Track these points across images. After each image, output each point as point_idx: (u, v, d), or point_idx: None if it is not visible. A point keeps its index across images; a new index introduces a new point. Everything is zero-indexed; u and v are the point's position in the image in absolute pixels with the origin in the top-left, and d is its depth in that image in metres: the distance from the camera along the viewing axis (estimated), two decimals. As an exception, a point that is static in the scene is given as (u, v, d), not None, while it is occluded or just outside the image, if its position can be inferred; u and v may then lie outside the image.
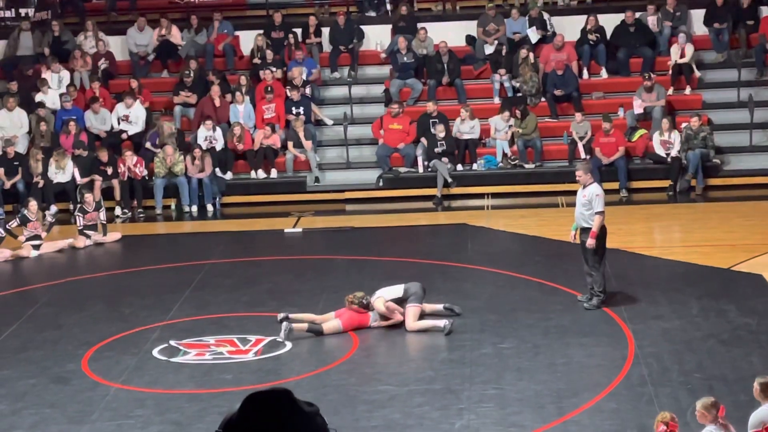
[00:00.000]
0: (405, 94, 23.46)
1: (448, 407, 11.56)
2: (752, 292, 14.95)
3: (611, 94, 23.33)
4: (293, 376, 12.59)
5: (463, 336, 13.62)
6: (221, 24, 24.75)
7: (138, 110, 22.73)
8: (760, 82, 23.17)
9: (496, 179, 21.79)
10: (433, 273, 16.27)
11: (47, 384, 12.66)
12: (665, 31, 23.79)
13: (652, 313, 14.18)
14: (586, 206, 14.14)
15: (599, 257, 14.19)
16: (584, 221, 14.18)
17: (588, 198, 14.13)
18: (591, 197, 14.09)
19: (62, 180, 21.40)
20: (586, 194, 14.16)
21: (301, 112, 22.67)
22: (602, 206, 14.09)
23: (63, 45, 24.51)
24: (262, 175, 22.12)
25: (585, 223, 14.16)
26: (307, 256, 17.91)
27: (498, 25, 24.03)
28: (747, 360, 12.46)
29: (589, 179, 14.29)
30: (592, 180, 14.35)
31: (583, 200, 14.19)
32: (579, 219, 14.27)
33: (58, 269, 17.97)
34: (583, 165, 14.81)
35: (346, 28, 24.39)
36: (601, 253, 14.19)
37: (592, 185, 14.21)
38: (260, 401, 3.13)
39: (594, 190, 14.13)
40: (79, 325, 14.69)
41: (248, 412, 3.11)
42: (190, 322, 14.62)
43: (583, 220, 14.19)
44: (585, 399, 11.59)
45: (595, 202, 14.04)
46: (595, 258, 14.16)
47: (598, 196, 14.08)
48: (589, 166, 14.99)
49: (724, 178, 21.50)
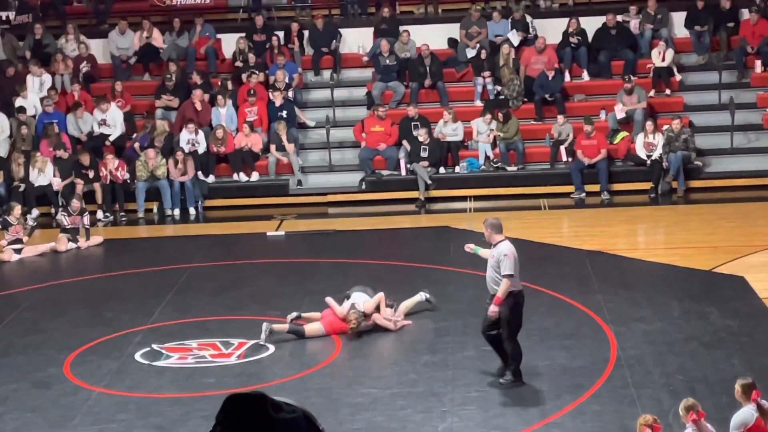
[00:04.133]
0: (387, 96, 23.47)
1: (431, 410, 11.57)
2: (734, 294, 15.00)
3: (593, 96, 23.39)
4: (276, 380, 12.58)
5: (445, 339, 13.63)
6: (203, 27, 24.73)
7: (114, 113, 22.65)
8: (741, 85, 23.26)
9: (479, 182, 21.82)
10: (415, 276, 16.28)
11: (29, 388, 12.61)
12: (646, 34, 23.87)
13: (634, 316, 14.21)
14: (495, 268, 11.88)
15: (512, 329, 12.00)
16: (495, 285, 11.90)
17: (496, 259, 11.84)
18: (499, 257, 11.80)
19: (43, 183, 21.34)
20: (495, 254, 11.88)
21: (284, 115, 22.66)
22: (511, 269, 11.76)
23: (44, 48, 24.44)
24: (244, 178, 22.10)
25: (496, 286, 11.89)
26: (289, 259, 17.91)
27: (480, 28, 24.07)
28: (728, 362, 12.51)
29: (499, 237, 11.97)
30: (503, 237, 12.01)
31: (492, 261, 11.93)
32: (489, 282, 12.01)
33: (39, 273, 17.91)
34: (490, 222, 12.10)
35: (325, 31, 24.39)
36: (515, 324, 12.00)
37: (501, 243, 11.92)
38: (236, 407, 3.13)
39: (502, 250, 11.83)
40: (61, 330, 14.64)
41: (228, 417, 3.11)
42: (172, 325, 14.59)
43: (494, 283, 11.91)
44: (567, 401, 11.61)
45: (504, 263, 11.75)
46: (509, 329, 11.98)
47: (506, 256, 11.75)
48: (496, 222, 12.11)
49: (705, 180, 21.57)
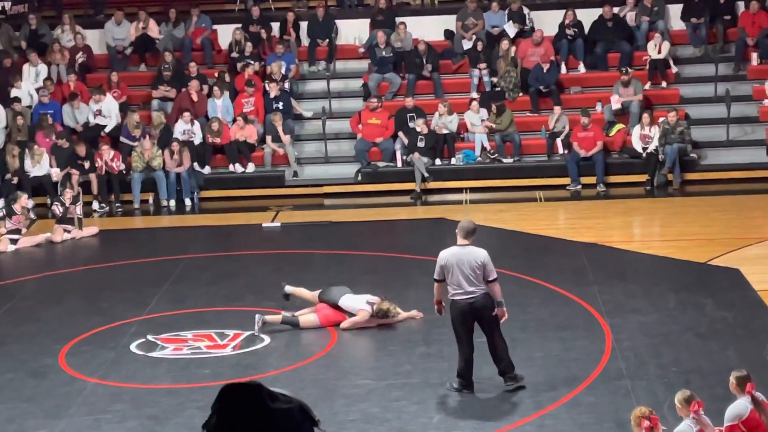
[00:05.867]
0: (383, 88, 23.44)
1: (426, 401, 11.57)
2: (729, 285, 15.01)
3: (589, 88, 23.38)
4: (271, 371, 12.58)
5: (441, 330, 13.62)
6: (199, 18, 24.70)
7: (110, 104, 22.62)
8: (737, 77, 23.26)
9: (475, 174, 21.81)
10: (411, 267, 16.28)
11: (24, 378, 12.61)
12: (643, 26, 23.85)
13: (630, 307, 14.23)
14: None
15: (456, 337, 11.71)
16: None
17: None
18: None
19: (39, 174, 21.31)
20: None
21: (280, 106, 22.64)
22: (435, 273, 11.62)
23: (40, 38, 24.40)
24: (240, 169, 22.09)
25: None
26: (285, 251, 17.90)
27: (477, 20, 24.05)
28: (723, 353, 12.52)
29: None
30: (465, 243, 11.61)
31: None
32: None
33: (35, 263, 17.90)
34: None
35: (324, 22, 24.37)
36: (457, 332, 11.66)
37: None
38: (232, 396, 3.13)
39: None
40: (57, 320, 14.64)
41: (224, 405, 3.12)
42: (167, 316, 14.58)
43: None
44: (562, 393, 11.62)
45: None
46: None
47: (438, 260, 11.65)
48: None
49: (701, 172, 21.57)
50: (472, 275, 11.39)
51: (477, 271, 11.38)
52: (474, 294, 11.41)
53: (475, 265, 11.39)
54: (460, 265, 11.40)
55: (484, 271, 11.41)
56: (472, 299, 11.42)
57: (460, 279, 11.40)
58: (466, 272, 11.39)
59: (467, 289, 11.40)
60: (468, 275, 11.39)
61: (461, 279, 11.40)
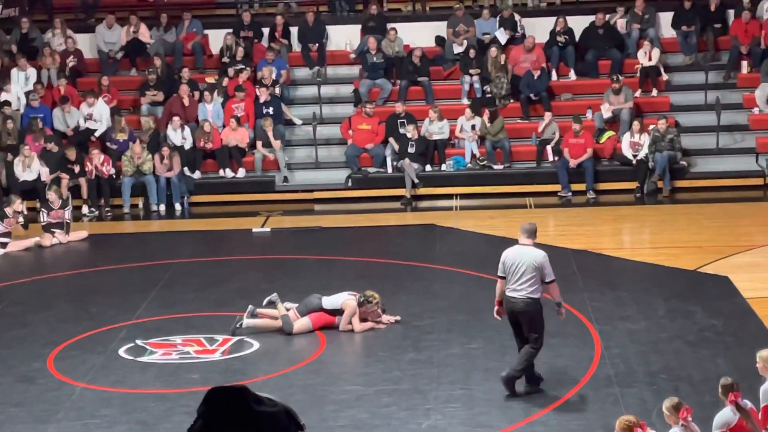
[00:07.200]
0: (374, 94, 23.45)
1: (415, 407, 11.57)
2: (718, 293, 15.03)
3: (580, 95, 23.41)
4: (260, 376, 12.57)
5: (431, 336, 13.64)
6: (191, 23, 24.69)
7: (101, 108, 22.59)
8: (727, 85, 23.31)
9: (465, 180, 21.83)
10: (401, 273, 16.28)
11: (12, 383, 12.58)
12: (633, 34, 23.90)
13: (619, 315, 14.24)
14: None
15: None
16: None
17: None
18: None
19: (29, 178, 21.26)
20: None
21: (270, 112, 22.63)
22: (498, 269, 11.92)
23: (31, 42, 24.36)
24: (231, 174, 22.07)
25: None
26: (275, 256, 17.88)
27: (467, 26, 24.07)
28: (713, 361, 12.54)
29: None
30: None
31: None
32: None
33: (24, 268, 17.87)
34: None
35: (314, 27, 24.36)
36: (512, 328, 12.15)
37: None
38: (217, 399, 3.13)
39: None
40: (45, 324, 14.60)
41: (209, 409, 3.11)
42: (157, 321, 14.56)
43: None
44: (551, 399, 11.63)
45: None
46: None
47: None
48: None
49: (691, 180, 21.62)
50: (528, 275, 11.53)
51: (534, 271, 11.54)
52: (515, 297, 11.61)
53: (534, 265, 11.54)
54: (517, 264, 11.56)
55: (542, 272, 11.57)
56: (513, 300, 11.64)
57: (514, 277, 11.57)
58: (521, 271, 11.54)
59: (515, 288, 11.58)
60: (522, 274, 11.54)
61: (515, 278, 11.57)
